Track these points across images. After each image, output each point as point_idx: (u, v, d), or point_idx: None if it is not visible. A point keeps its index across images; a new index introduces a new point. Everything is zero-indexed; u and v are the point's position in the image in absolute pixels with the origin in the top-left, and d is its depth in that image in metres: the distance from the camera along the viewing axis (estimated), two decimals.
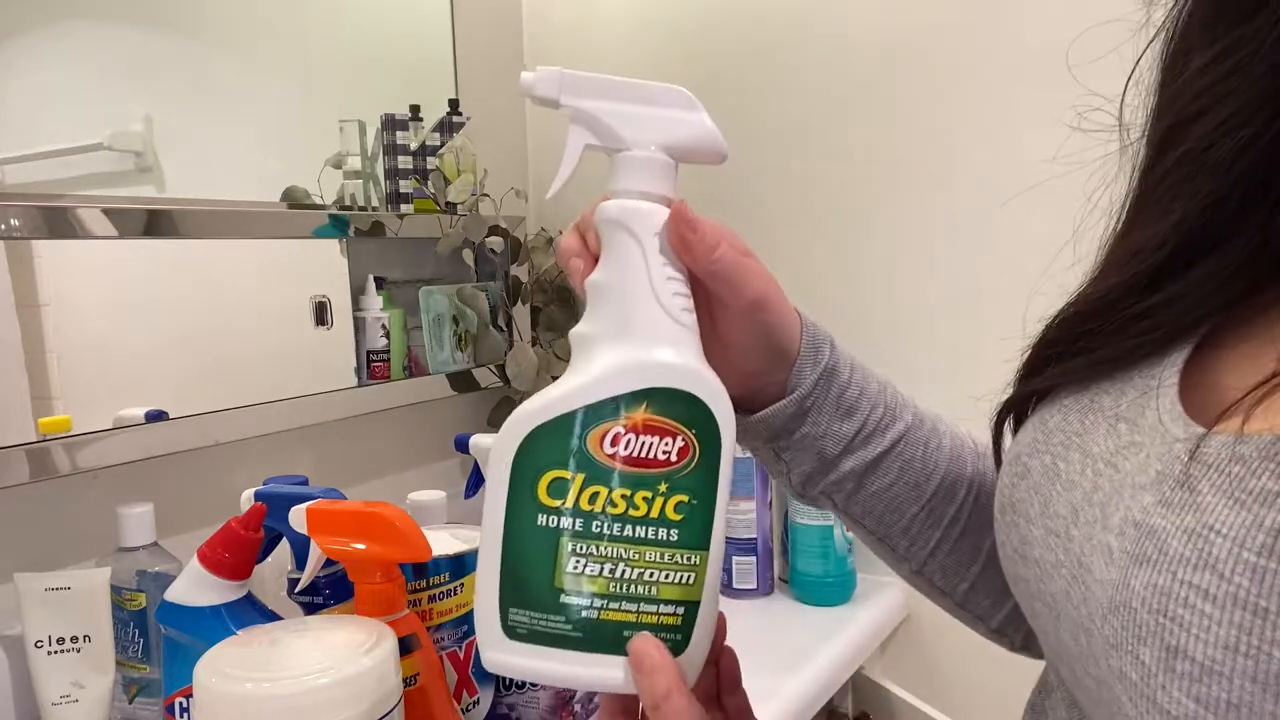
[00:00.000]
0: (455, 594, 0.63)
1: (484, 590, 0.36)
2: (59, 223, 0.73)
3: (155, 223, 0.79)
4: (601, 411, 0.36)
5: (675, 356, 0.36)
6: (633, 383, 0.36)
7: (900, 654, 1.03)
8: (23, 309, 0.71)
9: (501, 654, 0.36)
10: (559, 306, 1.20)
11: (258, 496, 0.60)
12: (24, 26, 0.74)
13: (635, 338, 0.37)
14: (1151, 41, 0.33)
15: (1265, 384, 0.27)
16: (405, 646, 0.52)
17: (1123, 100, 0.35)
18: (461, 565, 0.63)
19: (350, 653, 0.47)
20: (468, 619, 0.65)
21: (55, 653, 0.66)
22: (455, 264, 1.05)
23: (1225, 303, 0.33)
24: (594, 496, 0.36)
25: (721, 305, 0.42)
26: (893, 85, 0.99)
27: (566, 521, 0.36)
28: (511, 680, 0.67)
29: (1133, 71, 0.34)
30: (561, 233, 1.21)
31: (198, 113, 0.87)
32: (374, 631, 0.49)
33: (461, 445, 0.80)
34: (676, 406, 0.36)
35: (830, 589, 0.99)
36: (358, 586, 0.54)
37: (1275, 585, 0.24)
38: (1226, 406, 0.28)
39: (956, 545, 0.48)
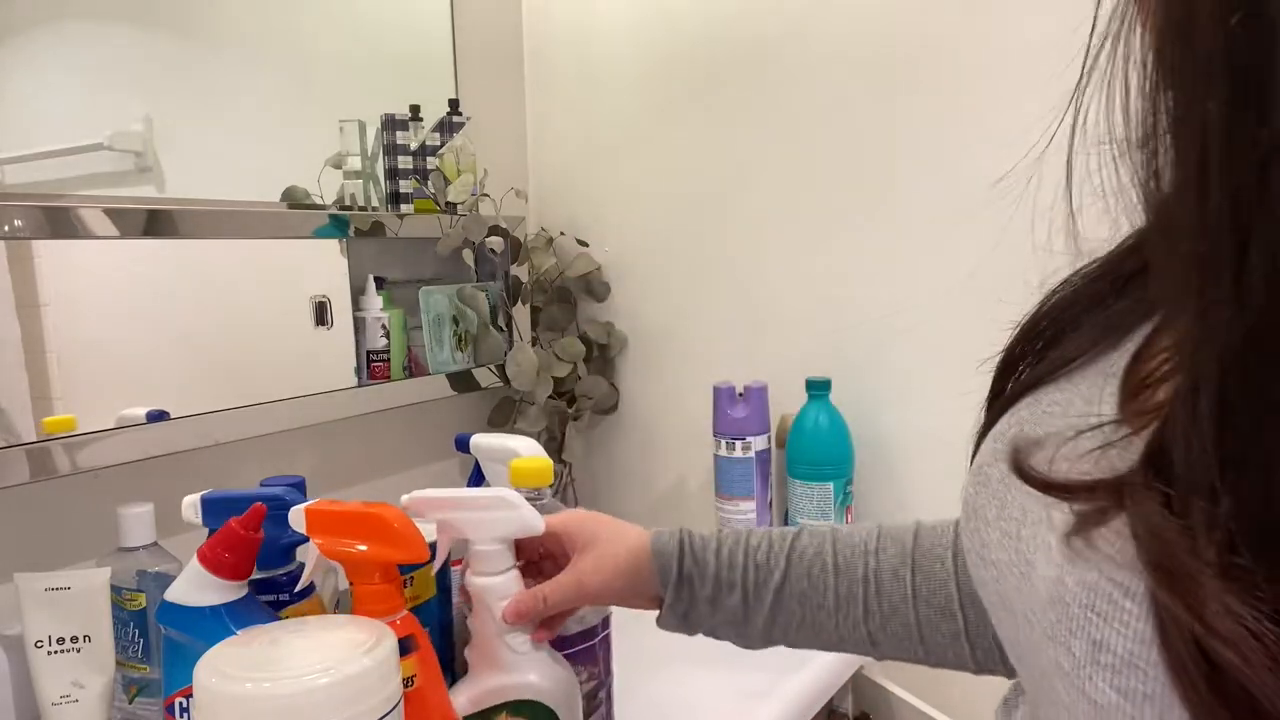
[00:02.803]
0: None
1: None
2: (59, 223, 0.73)
3: (155, 223, 0.79)
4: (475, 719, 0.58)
5: (520, 678, 0.58)
6: (495, 698, 0.58)
7: None
8: (23, 309, 0.71)
9: None
10: (559, 306, 1.20)
11: (204, 501, 0.62)
12: (24, 26, 0.74)
13: (494, 667, 0.58)
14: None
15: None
16: (404, 647, 0.52)
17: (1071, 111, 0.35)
18: None
19: (350, 653, 0.47)
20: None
21: (55, 653, 0.66)
22: (455, 264, 1.05)
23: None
24: None
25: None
26: (893, 85, 0.99)
27: None
28: None
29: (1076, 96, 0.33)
30: (563, 233, 1.21)
31: (198, 113, 0.87)
32: (374, 631, 0.49)
33: (462, 445, 0.80)
34: (523, 709, 0.58)
35: None
36: (357, 587, 0.54)
37: None
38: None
39: (886, 628, 0.55)
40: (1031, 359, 0.39)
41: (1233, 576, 0.24)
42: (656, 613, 0.60)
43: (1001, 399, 0.40)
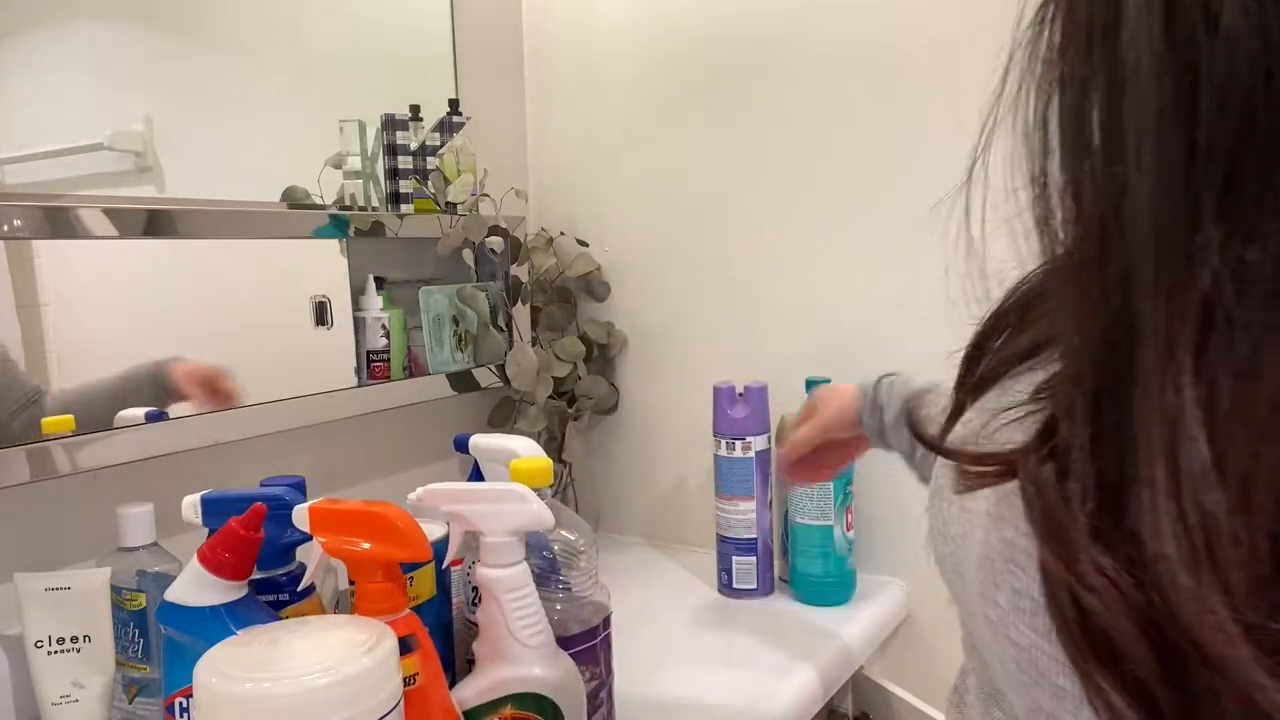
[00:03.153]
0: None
1: None
2: (59, 223, 0.73)
3: (155, 223, 0.79)
4: (480, 712, 0.59)
5: (525, 671, 0.59)
6: (500, 690, 0.59)
7: (900, 654, 1.03)
8: (23, 309, 0.71)
9: None
10: (559, 306, 1.20)
11: (204, 501, 0.62)
12: (24, 26, 0.74)
13: (501, 660, 0.59)
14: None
15: None
16: (405, 646, 0.52)
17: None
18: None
19: (350, 653, 0.47)
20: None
21: (55, 653, 0.66)
22: (455, 264, 1.05)
23: None
24: None
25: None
26: (893, 85, 0.99)
27: None
28: None
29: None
30: (563, 233, 1.21)
31: (198, 113, 0.87)
32: (374, 631, 0.49)
33: (461, 445, 0.80)
34: (529, 703, 0.59)
35: (830, 589, 0.99)
36: (358, 586, 0.54)
37: None
38: None
39: None
40: (1000, 346, 0.41)
41: (1099, 535, 0.27)
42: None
43: (969, 384, 0.42)
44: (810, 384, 0.99)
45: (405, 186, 1.03)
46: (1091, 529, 0.27)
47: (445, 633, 0.69)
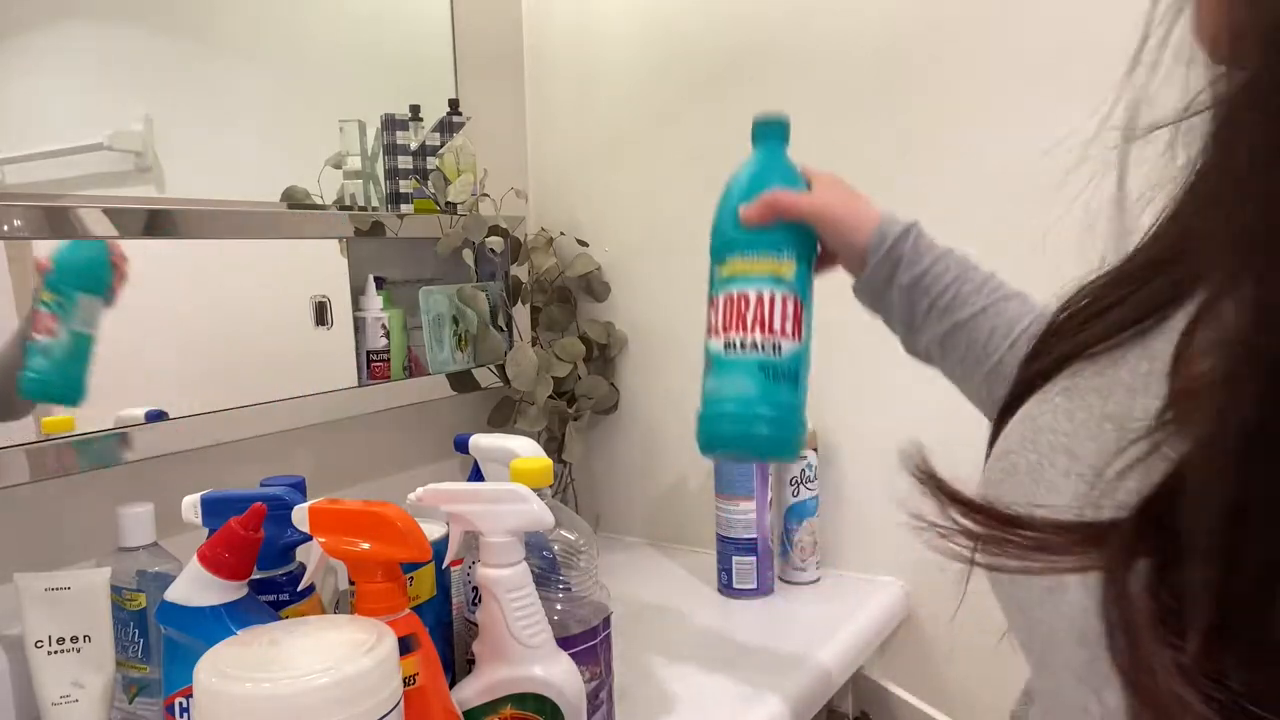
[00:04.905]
0: None
1: None
2: (59, 223, 0.73)
3: (155, 223, 0.79)
4: (480, 712, 0.59)
5: (525, 671, 0.59)
6: (501, 690, 0.59)
7: (900, 654, 1.03)
8: (23, 309, 0.71)
9: None
10: (559, 306, 1.20)
11: (204, 501, 0.62)
12: (24, 26, 0.74)
13: (501, 660, 0.59)
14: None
15: None
16: (405, 646, 0.52)
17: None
18: None
19: (350, 653, 0.47)
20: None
21: (55, 653, 0.66)
22: (455, 264, 1.05)
23: None
24: None
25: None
26: (893, 84, 0.99)
27: None
28: None
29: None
30: (563, 233, 1.21)
31: (198, 113, 0.87)
32: (374, 631, 0.49)
33: (461, 445, 0.80)
34: (529, 703, 0.59)
35: (760, 423, 0.64)
36: (359, 586, 0.54)
37: None
38: None
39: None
40: (1072, 330, 0.36)
41: (1198, 665, 0.20)
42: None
43: (1035, 368, 0.38)
44: (759, 127, 0.73)
45: (405, 186, 1.03)
46: (1193, 654, 0.21)
47: (445, 633, 0.70)
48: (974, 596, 0.55)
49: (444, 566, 0.68)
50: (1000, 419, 0.41)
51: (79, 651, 0.66)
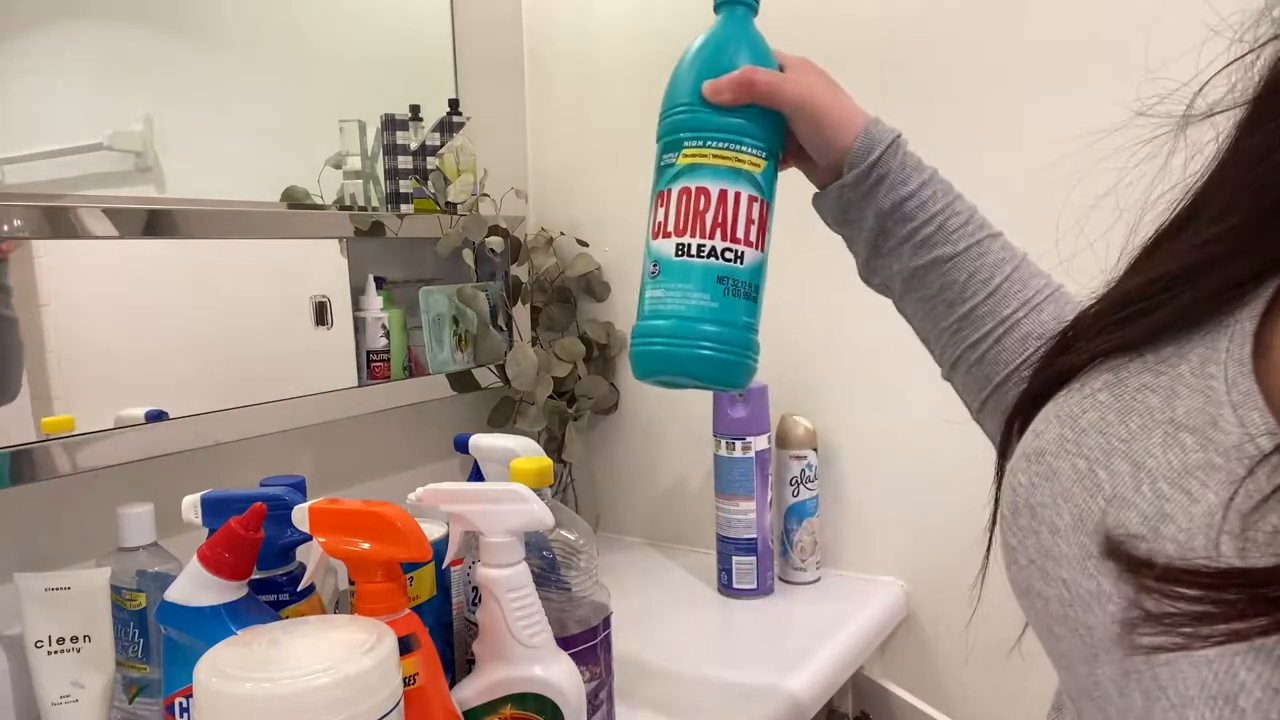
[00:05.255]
0: None
1: None
2: (59, 223, 0.73)
3: (155, 223, 0.79)
4: (480, 712, 0.60)
5: (525, 671, 0.59)
6: (501, 690, 0.59)
7: (900, 654, 1.03)
8: (23, 309, 0.71)
9: None
10: (559, 306, 1.20)
11: (204, 501, 0.62)
12: (24, 26, 0.74)
13: (501, 660, 0.59)
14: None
15: None
16: (406, 645, 0.52)
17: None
18: None
19: (350, 653, 0.47)
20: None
21: (55, 653, 0.66)
22: (455, 264, 1.05)
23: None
24: None
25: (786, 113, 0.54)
26: (890, 85, 0.99)
27: None
28: None
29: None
30: (563, 233, 1.21)
31: (198, 113, 0.87)
32: (374, 631, 0.49)
33: (461, 445, 0.80)
34: (529, 703, 0.59)
35: (711, 344, 0.58)
36: (358, 586, 0.54)
37: None
38: None
39: (972, 369, 0.53)
40: (1111, 326, 0.33)
41: None
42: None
43: (1065, 362, 0.34)
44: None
45: (405, 186, 1.03)
46: None
47: (445, 633, 0.70)
48: (974, 598, 0.56)
49: (444, 566, 0.68)
50: (1016, 415, 0.38)
51: (79, 651, 0.66)
